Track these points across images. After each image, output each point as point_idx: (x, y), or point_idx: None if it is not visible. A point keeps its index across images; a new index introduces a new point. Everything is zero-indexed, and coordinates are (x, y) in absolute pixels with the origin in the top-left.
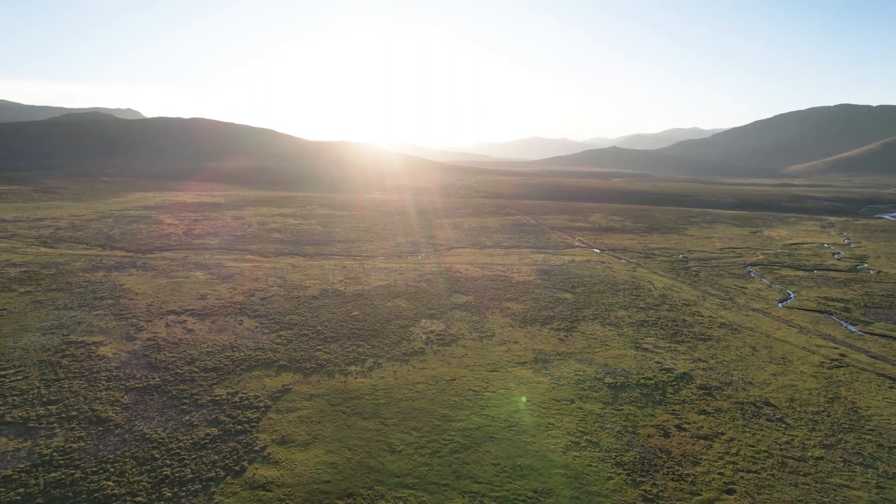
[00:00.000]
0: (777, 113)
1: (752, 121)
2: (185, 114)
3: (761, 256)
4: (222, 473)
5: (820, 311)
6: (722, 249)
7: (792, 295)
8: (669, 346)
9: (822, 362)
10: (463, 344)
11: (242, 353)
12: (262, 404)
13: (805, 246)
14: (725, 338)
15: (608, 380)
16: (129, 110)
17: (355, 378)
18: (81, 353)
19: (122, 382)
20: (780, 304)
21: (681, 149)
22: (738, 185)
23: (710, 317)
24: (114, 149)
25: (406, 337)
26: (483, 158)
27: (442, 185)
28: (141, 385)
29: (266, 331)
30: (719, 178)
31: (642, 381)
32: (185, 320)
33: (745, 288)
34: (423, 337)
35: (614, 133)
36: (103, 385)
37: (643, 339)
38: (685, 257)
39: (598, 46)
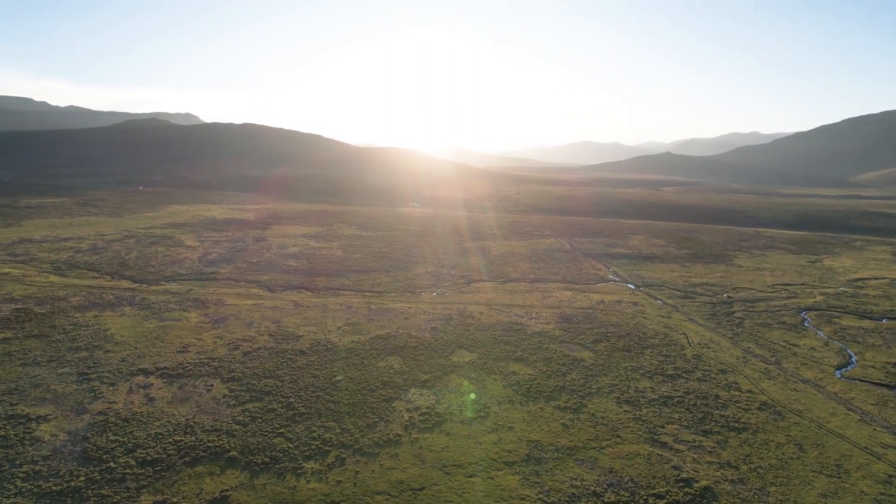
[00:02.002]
0: (846, 117)
1: (819, 125)
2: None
3: (819, 297)
4: None
5: (889, 387)
6: (773, 286)
7: (854, 358)
8: (693, 441)
9: (892, 476)
10: (448, 429)
11: (194, 438)
12: None
13: (873, 283)
14: (765, 427)
15: (609, 497)
16: (188, 115)
17: (308, 482)
18: (15, 435)
19: (39, 483)
20: (837, 373)
21: (738, 155)
22: (800, 197)
23: (749, 392)
24: (167, 155)
25: (385, 416)
26: (532, 163)
27: (481, 196)
28: (59, 488)
29: (233, 402)
30: (779, 188)
31: (651, 502)
32: (152, 384)
33: (797, 346)
34: (406, 417)
35: (668, 137)
36: (13, 488)
37: (663, 426)
38: (730, 298)
39: (653, 49)
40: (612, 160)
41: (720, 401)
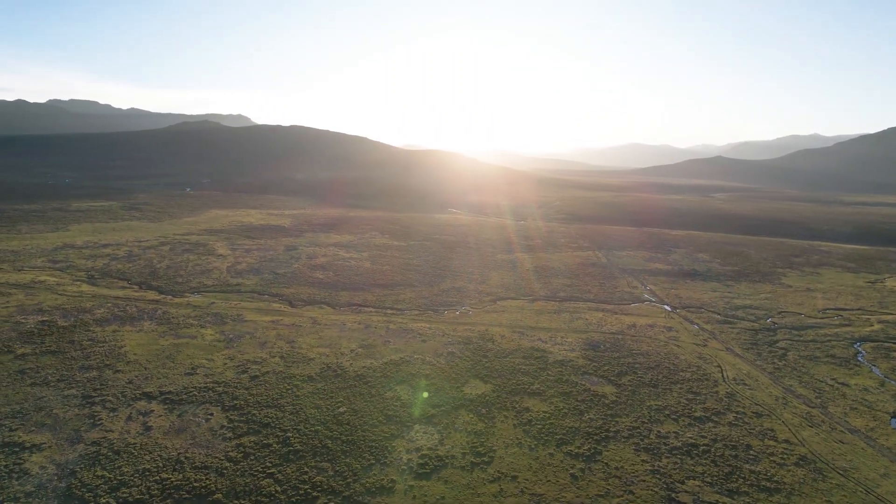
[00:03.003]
0: None
1: (886, 127)
2: (289, 119)
3: (877, 326)
4: None
5: None
6: (825, 311)
7: None
8: (716, 503)
9: None
10: (446, 477)
11: (181, 476)
12: None
13: None
14: (802, 489)
15: None
16: (240, 116)
17: None
18: (5, 466)
19: None
20: (893, 422)
21: (796, 159)
22: (863, 206)
23: (786, 442)
24: (216, 157)
25: (383, 457)
26: (578, 166)
27: (522, 202)
28: None
29: (229, 434)
30: (840, 196)
31: None
32: (152, 411)
33: (847, 385)
34: (404, 459)
35: (721, 139)
36: None
37: (683, 481)
38: (774, 324)
39: (706, 48)
40: (662, 163)
41: (752, 452)
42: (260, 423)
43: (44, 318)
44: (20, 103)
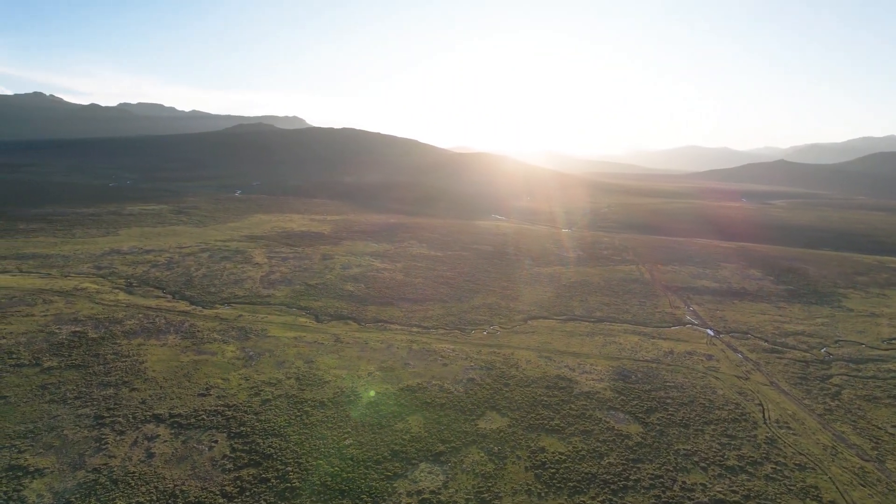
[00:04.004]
0: None
1: None
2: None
3: None
4: None
5: None
6: (890, 342)
7: None
8: None
9: None
10: None
11: None
12: None
13: None
14: None
15: None
16: (295, 118)
17: None
18: (5, 493)
19: None
20: None
21: (868, 163)
22: None
23: None
24: (268, 159)
25: (381, 501)
26: (632, 169)
27: (569, 208)
28: None
29: (229, 465)
30: None
31: None
32: (158, 435)
33: None
34: None
35: (785, 142)
36: None
37: None
38: (829, 355)
39: (769, 46)
40: (720, 167)
41: None
42: (262, 453)
43: (77, 329)
44: (93, 107)
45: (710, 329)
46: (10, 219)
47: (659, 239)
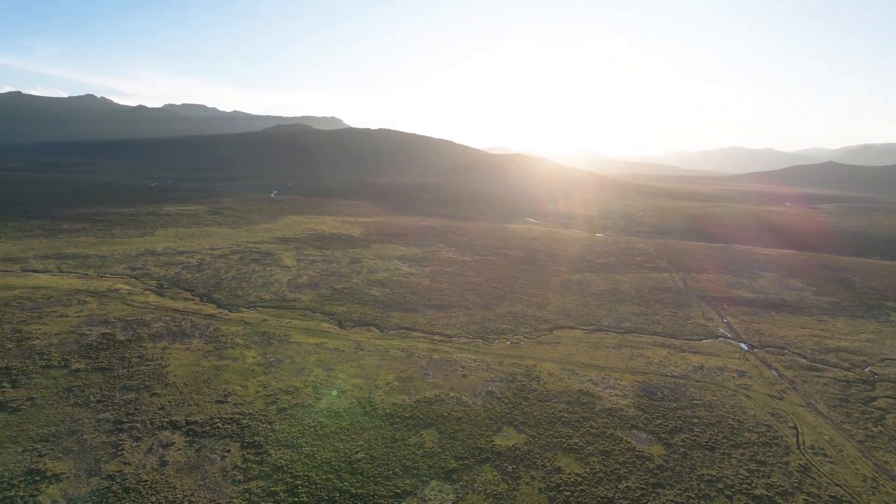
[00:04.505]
0: None
1: None
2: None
3: None
4: None
5: None
6: None
7: None
8: None
9: None
10: None
11: None
12: None
13: None
14: None
15: None
16: (333, 118)
17: None
18: (21, 497)
19: None
20: None
21: None
22: None
23: None
24: (305, 160)
25: None
26: (672, 170)
27: (603, 212)
28: None
29: (240, 476)
30: None
31: None
32: (173, 443)
33: None
34: None
35: (835, 142)
36: None
37: None
38: (873, 375)
39: (818, 42)
40: (765, 169)
41: None
42: (273, 465)
43: (106, 331)
44: (140, 108)
45: (744, 343)
46: (56, 219)
47: (695, 245)
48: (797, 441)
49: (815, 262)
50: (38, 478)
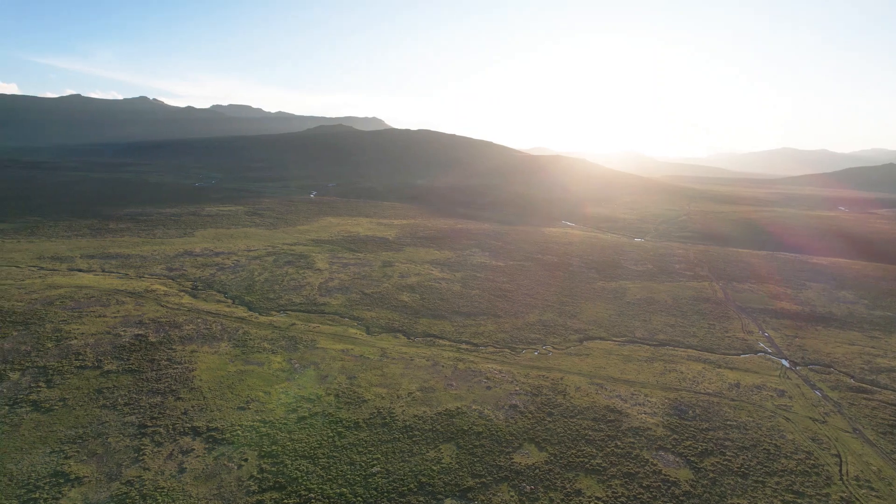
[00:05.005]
0: None
1: None
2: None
3: None
4: None
5: None
6: None
7: None
8: None
9: None
10: None
11: None
12: None
13: None
14: None
15: None
16: (374, 119)
17: None
18: (44, 500)
19: None
20: None
21: None
22: None
23: None
24: (346, 160)
25: None
26: (719, 173)
27: (643, 216)
28: None
29: (254, 487)
30: None
31: None
32: (193, 449)
33: None
34: None
35: None
36: None
37: None
38: None
39: (875, 41)
40: (818, 171)
41: None
42: (288, 476)
43: (139, 332)
44: (189, 109)
45: (786, 359)
46: (104, 218)
47: (737, 252)
48: (840, 471)
49: (869, 273)
50: (61, 480)
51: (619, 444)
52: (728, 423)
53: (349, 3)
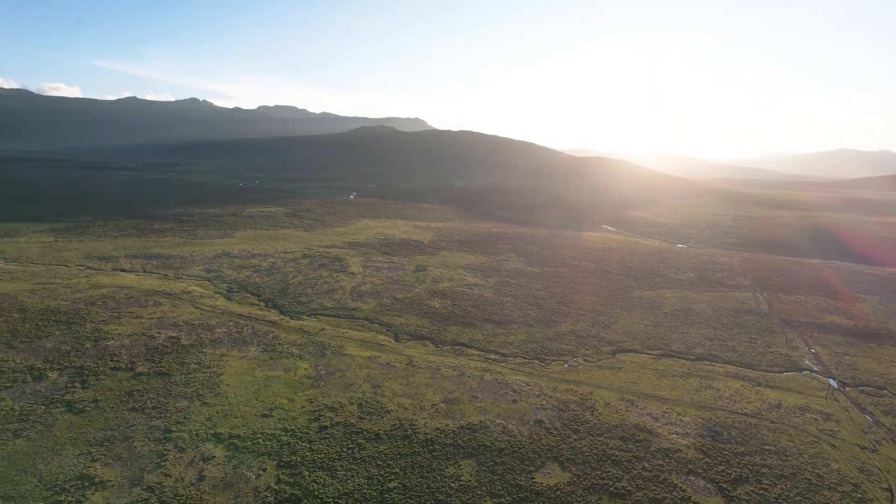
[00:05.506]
0: None
1: None
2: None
3: None
4: None
5: None
6: None
7: None
8: None
9: None
10: None
11: None
12: None
13: None
14: None
15: None
16: (416, 119)
17: None
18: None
19: None
20: None
21: None
22: None
23: None
24: (387, 161)
25: None
26: (771, 175)
27: (687, 221)
28: None
29: (270, 499)
30: None
31: None
32: (214, 457)
33: None
34: None
35: None
36: None
37: None
38: None
39: None
40: (879, 173)
41: None
42: (305, 488)
43: (173, 334)
44: (236, 110)
45: (833, 379)
46: (150, 218)
47: (786, 261)
48: None
49: None
50: (86, 483)
51: (646, 465)
52: (766, 447)
53: (393, 4)
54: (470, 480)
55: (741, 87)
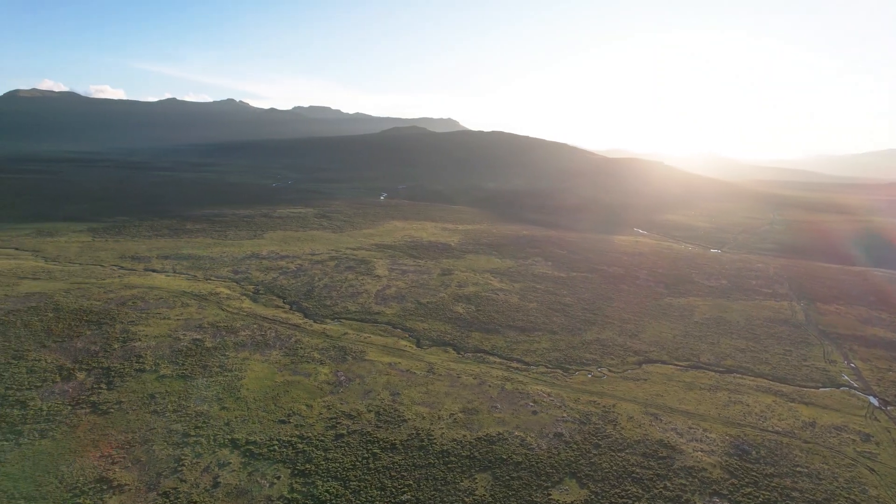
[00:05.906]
0: None
1: None
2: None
3: None
4: None
5: None
6: None
7: None
8: None
9: None
10: None
11: None
12: None
13: None
14: None
15: None
16: (449, 120)
17: None
18: None
19: None
20: None
21: None
22: None
23: None
24: (418, 161)
25: None
26: (811, 177)
27: (721, 224)
28: None
29: None
30: None
31: None
32: (229, 463)
33: None
34: None
35: None
36: None
37: None
38: None
39: None
40: None
41: None
42: (317, 498)
43: (198, 337)
44: (271, 111)
45: (874, 396)
46: (183, 218)
47: (826, 268)
48: None
49: None
50: (104, 486)
51: (668, 485)
52: (798, 469)
53: (424, 4)
54: (484, 495)
55: (783, 86)
